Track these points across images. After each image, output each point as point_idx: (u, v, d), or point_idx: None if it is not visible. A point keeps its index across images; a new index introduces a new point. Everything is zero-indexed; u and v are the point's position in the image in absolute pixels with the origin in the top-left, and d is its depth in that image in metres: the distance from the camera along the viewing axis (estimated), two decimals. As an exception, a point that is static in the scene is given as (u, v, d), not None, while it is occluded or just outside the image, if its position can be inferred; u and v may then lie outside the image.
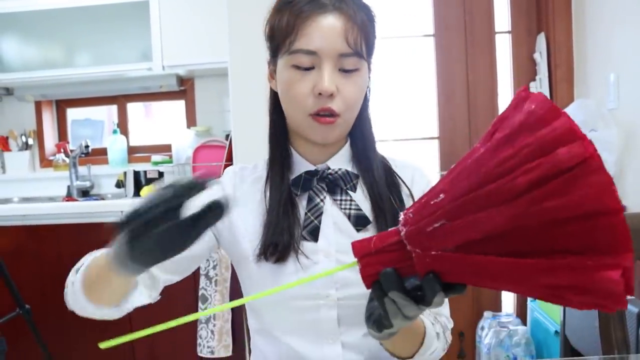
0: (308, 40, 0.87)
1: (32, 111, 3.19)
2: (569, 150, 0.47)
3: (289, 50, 0.88)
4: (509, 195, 0.50)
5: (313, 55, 0.87)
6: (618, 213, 0.47)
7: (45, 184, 3.12)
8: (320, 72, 0.87)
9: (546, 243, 0.50)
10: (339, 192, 0.96)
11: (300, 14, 0.87)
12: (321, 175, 0.96)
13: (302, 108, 0.89)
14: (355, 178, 0.97)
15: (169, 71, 2.84)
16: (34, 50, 2.89)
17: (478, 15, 2.52)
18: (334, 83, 0.87)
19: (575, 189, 0.47)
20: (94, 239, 2.52)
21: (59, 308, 2.80)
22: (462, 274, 0.57)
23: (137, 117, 3.33)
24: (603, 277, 0.47)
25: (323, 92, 0.86)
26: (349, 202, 0.95)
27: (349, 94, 0.89)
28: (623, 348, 1.14)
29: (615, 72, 2.02)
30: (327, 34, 0.86)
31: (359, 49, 0.88)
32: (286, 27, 0.89)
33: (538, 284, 0.52)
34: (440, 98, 2.55)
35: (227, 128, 3.00)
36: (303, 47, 0.87)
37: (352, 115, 0.93)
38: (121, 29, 2.82)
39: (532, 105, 0.51)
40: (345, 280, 0.91)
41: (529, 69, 2.51)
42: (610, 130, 1.96)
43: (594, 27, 2.19)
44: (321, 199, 0.95)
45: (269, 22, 0.94)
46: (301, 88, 0.88)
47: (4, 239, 2.50)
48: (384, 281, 0.62)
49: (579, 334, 1.79)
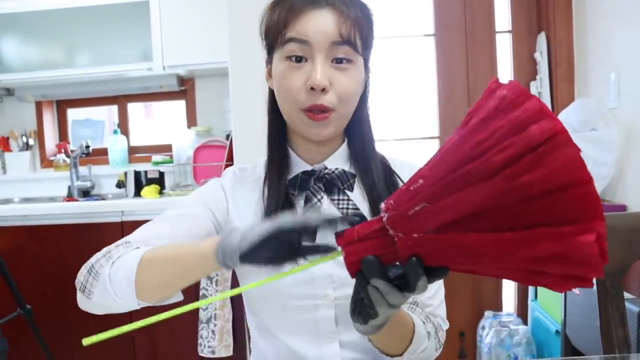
0: (299, 29, 0.87)
1: (33, 111, 3.20)
2: (539, 126, 0.49)
3: (281, 42, 0.89)
4: (486, 174, 0.51)
5: (304, 44, 0.87)
6: (587, 183, 0.49)
7: (45, 184, 3.13)
8: (313, 65, 0.87)
9: (524, 218, 0.51)
10: (336, 191, 0.96)
11: (292, 8, 0.88)
12: (318, 175, 0.95)
13: (294, 102, 0.89)
14: (352, 177, 0.97)
15: (170, 71, 2.84)
16: (34, 50, 2.89)
17: (478, 14, 2.52)
18: (326, 76, 0.87)
19: (546, 163, 0.49)
20: (94, 239, 2.53)
21: (59, 308, 2.82)
22: (444, 256, 0.58)
23: (137, 117, 3.33)
24: (579, 242, 0.49)
25: (315, 86, 0.86)
26: (347, 202, 0.95)
27: (342, 87, 0.88)
28: (624, 347, 1.14)
29: (615, 71, 2.02)
30: (319, 24, 0.86)
31: (352, 39, 0.88)
32: (277, 21, 0.89)
33: (519, 258, 0.53)
34: (441, 97, 2.55)
35: (228, 128, 3.00)
36: (295, 35, 0.87)
37: (347, 110, 0.92)
38: (121, 29, 2.82)
39: (503, 91, 0.54)
40: (342, 279, 0.91)
41: (530, 68, 2.50)
42: (610, 130, 1.96)
43: (595, 26, 2.19)
44: (318, 198, 0.95)
45: (264, 21, 0.94)
46: (294, 81, 0.88)
47: (5, 239, 2.51)
48: (365, 269, 0.62)
49: (579, 333, 1.79)
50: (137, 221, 2.48)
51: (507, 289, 2.61)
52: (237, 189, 1.00)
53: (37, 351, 2.42)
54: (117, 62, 2.83)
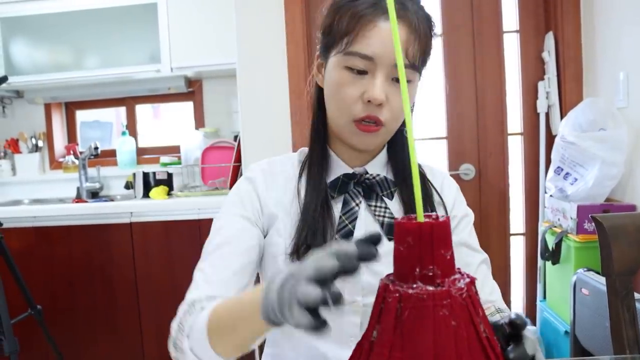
0: (367, 44, 0.84)
1: (42, 113, 3.22)
2: None
3: (344, 50, 0.86)
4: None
5: (369, 60, 0.84)
6: None
7: (55, 185, 3.15)
8: (373, 80, 0.85)
9: None
10: (374, 197, 0.95)
11: (363, 15, 0.84)
12: (358, 180, 0.95)
13: (348, 112, 0.87)
14: (394, 186, 0.96)
15: (177, 73, 2.85)
16: (43, 53, 2.91)
17: (486, 14, 2.52)
18: (384, 92, 0.85)
19: None
20: (103, 240, 2.54)
21: (69, 308, 2.83)
22: None
23: (145, 118, 3.34)
24: None
25: (373, 100, 0.84)
26: (384, 210, 0.94)
27: (397, 105, 0.87)
28: (635, 348, 1.13)
29: (624, 70, 2.01)
30: (387, 42, 0.83)
31: (416, 62, 0.86)
32: (347, 26, 0.85)
33: None
34: (449, 98, 2.55)
35: (236, 129, 3.01)
36: (360, 50, 0.84)
37: (396, 126, 0.91)
38: (130, 32, 2.84)
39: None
40: (372, 287, 0.91)
41: (538, 68, 2.49)
42: (619, 129, 1.95)
43: (603, 26, 2.18)
44: (356, 203, 0.94)
45: (327, 17, 0.90)
46: (350, 92, 0.86)
47: (15, 240, 2.52)
48: None
49: (589, 334, 1.78)
50: (145, 222, 2.50)
51: (515, 289, 2.60)
52: (269, 186, 0.98)
53: (47, 351, 2.44)
54: (126, 64, 2.85)
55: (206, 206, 2.50)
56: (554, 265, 2.12)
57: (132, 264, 2.52)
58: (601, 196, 2.01)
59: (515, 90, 2.54)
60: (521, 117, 2.53)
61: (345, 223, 0.92)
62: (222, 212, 0.97)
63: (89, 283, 2.56)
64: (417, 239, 0.49)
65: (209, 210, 2.48)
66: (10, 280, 2.17)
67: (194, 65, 2.80)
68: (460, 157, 2.56)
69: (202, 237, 2.49)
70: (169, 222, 2.51)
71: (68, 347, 2.50)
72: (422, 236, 0.49)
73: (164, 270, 2.51)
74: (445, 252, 0.50)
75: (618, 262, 1.15)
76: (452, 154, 2.56)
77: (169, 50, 2.77)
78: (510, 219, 2.57)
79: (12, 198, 3.13)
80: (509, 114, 2.54)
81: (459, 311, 0.48)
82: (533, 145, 2.51)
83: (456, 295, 0.48)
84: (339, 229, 0.92)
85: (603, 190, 2.00)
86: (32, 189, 3.16)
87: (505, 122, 2.53)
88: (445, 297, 0.48)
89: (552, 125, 2.42)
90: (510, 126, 2.54)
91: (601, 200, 2.02)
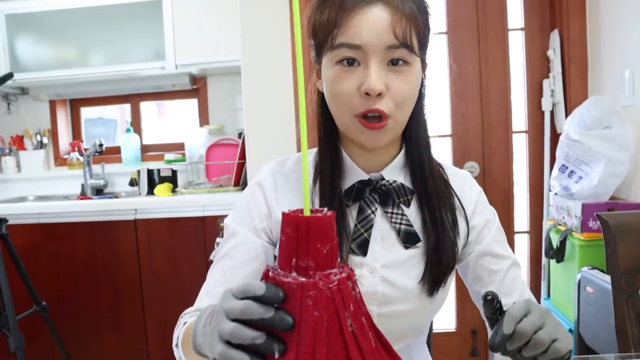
0: (352, 33, 0.80)
1: (47, 110, 3.23)
2: None
3: (332, 46, 0.82)
4: None
5: (358, 49, 0.80)
6: None
7: (59, 182, 3.16)
8: (367, 70, 0.80)
9: None
10: (391, 204, 0.91)
11: (342, 6, 0.80)
12: (374, 186, 0.90)
13: (348, 108, 0.83)
14: (411, 194, 0.92)
15: (182, 70, 2.86)
16: (48, 50, 2.92)
17: (491, 12, 2.51)
18: (382, 81, 0.80)
19: None
20: (108, 237, 2.55)
21: (74, 305, 2.84)
22: None
23: (150, 115, 3.35)
24: None
25: (370, 91, 0.79)
26: (400, 217, 0.91)
27: (398, 92, 0.82)
28: None
29: (629, 68, 2.00)
30: (372, 27, 0.79)
31: (407, 40, 0.80)
32: (327, 21, 0.82)
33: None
34: (453, 96, 2.55)
35: (240, 126, 3.01)
36: (347, 40, 0.80)
37: (404, 116, 0.86)
38: (134, 29, 2.84)
39: None
40: (387, 298, 0.90)
41: (543, 66, 2.49)
42: (625, 127, 1.95)
43: (608, 23, 2.17)
44: (372, 210, 0.90)
45: (310, 19, 0.87)
46: (346, 86, 0.82)
47: (20, 237, 2.53)
48: None
49: (593, 332, 1.78)
50: (150, 219, 2.51)
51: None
52: (279, 189, 0.95)
53: (53, 347, 2.46)
54: (130, 61, 2.85)
55: (210, 203, 2.50)
56: (558, 263, 2.12)
57: (136, 261, 2.53)
58: (606, 194, 2.01)
59: (520, 88, 2.53)
60: (526, 114, 2.53)
61: (360, 232, 0.90)
62: (232, 217, 0.96)
63: (93, 279, 2.57)
64: (295, 231, 0.51)
65: (213, 208, 2.48)
66: (16, 277, 2.18)
67: (198, 62, 2.80)
68: (465, 155, 2.55)
69: (206, 234, 2.50)
70: (174, 219, 2.51)
71: (73, 343, 2.52)
72: (299, 229, 0.51)
73: (168, 267, 2.52)
74: (322, 246, 0.52)
75: (623, 261, 1.15)
76: (457, 151, 2.56)
77: (173, 47, 2.77)
78: (515, 217, 2.57)
79: (17, 195, 3.14)
80: (513, 112, 2.53)
81: (325, 303, 0.50)
82: (538, 143, 2.51)
83: (323, 287, 0.51)
84: (354, 238, 0.89)
85: (608, 189, 1.99)
86: (37, 186, 3.17)
87: (509, 120, 2.53)
88: (312, 288, 0.50)
89: (557, 123, 2.42)
90: (514, 124, 2.54)
91: (606, 199, 2.02)
